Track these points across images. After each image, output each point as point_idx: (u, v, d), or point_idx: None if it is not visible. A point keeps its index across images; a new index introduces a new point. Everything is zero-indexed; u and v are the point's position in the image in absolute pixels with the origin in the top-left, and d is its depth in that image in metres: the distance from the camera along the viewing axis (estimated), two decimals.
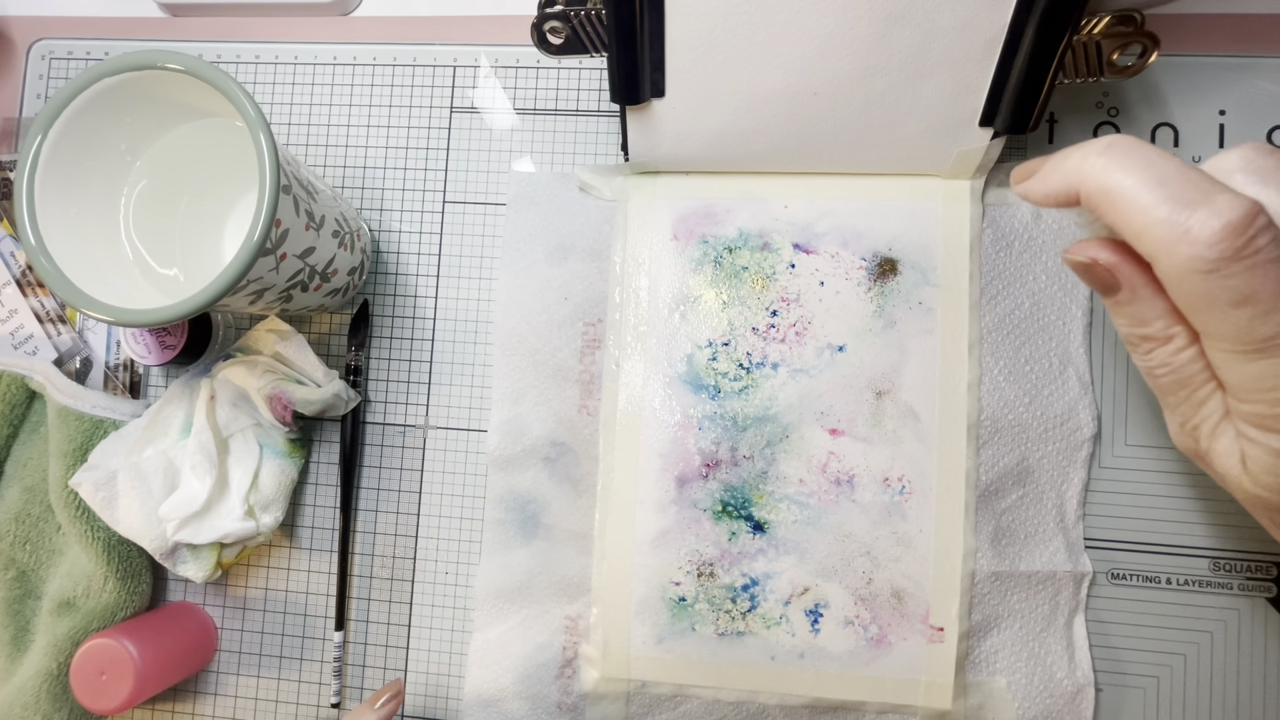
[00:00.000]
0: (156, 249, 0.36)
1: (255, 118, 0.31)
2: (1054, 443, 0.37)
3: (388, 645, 0.41)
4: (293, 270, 0.34)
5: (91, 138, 0.33)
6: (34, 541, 0.41)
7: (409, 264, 0.42)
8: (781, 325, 0.38)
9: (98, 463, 0.37)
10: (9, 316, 0.44)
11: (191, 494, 0.36)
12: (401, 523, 0.41)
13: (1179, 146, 0.39)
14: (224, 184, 0.37)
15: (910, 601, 0.36)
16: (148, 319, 0.30)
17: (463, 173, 0.42)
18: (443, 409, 0.42)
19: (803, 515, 0.37)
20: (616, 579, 0.38)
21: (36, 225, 0.32)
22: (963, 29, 0.32)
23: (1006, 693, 0.37)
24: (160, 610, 0.41)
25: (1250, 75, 0.38)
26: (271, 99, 0.44)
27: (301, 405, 0.39)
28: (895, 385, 0.37)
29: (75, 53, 0.45)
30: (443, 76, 0.43)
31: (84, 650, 0.36)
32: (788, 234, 0.38)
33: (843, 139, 0.36)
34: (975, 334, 0.37)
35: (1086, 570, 0.37)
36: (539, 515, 0.39)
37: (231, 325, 0.43)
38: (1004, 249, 0.38)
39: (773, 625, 0.37)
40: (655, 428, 0.38)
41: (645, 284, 0.39)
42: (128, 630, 0.38)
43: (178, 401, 0.38)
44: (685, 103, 0.35)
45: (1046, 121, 0.39)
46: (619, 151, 0.40)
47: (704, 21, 0.33)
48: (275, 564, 0.42)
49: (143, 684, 0.36)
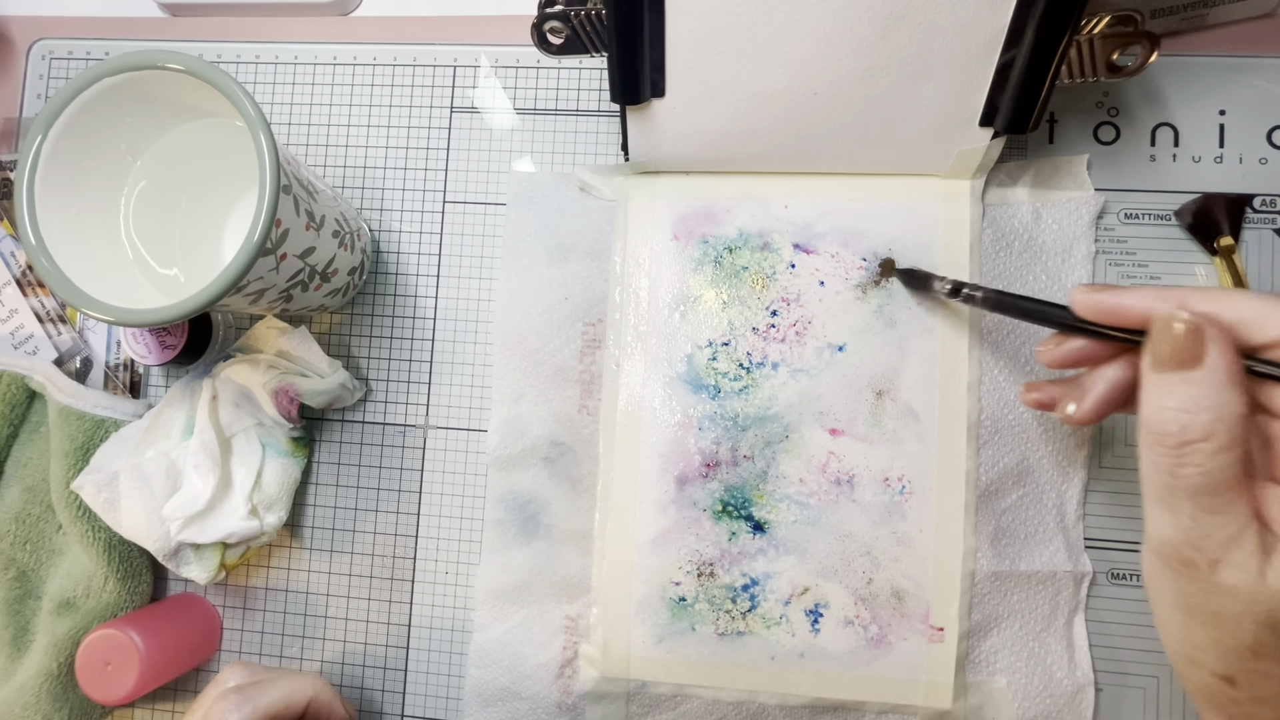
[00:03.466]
0: (156, 249, 0.36)
1: (255, 118, 0.31)
2: (1054, 443, 0.37)
3: (388, 645, 0.41)
4: (293, 270, 0.34)
5: (91, 138, 0.33)
6: (34, 541, 0.41)
7: (409, 264, 0.42)
8: (781, 325, 0.38)
9: (99, 465, 0.38)
10: (9, 316, 0.44)
11: (195, 493, 0.36)
12: (401, 523, 0.41)
13: (1179, 146, 0.39)
14: (224, 184, 0.37)
15: (910, 601, 0.36)
16: (148, 319, 0.30)
17: (463, 173, 0.42)
18: (443, 409, 0.42)
19: (803, 515, 0.37)
20: (616, 579, 0.38)
21: (36, 225, 0.32)
22: (963, 29, 0.32)
23: (1006, 693, 0.37)
24: (165, 602, 0.41)
25: (1250, 75, 0.38)
26: (271, 99, 0.44)
27: (309, 397, 0.39)
28: (895, 385, 0.37)
29: (75, 53, 0.45)
30: (443, 76, 0.43)
31: (89, 641, 0.36)
32: (788, 234, 0.38)
33: (843, 139, 0.36)
34: (975, 334, 0.37)
35: (1086, 570, 0.37)
36: (539, 515, 0.39)
37: (231, 325, 0.43)
38: (1004, 249, 0.38)
39: (773, 625, 0.37)
40: (655, 428, 0.38)
41: (645, 284, 0.39)
42: (133, 621, 0.38)
43: (179, 403, 0.38)
44: (685, 103, 0.35)
45: (1046, 121, 0.39)
46: (619, 151, 0.40)
47: (704, 21, 0.33)
48: (276, 564, 0.42)
49: (148, 674, 0.36)
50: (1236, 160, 0.38)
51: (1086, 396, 0.28)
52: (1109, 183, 0.39)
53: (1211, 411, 0.22)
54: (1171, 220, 0.38)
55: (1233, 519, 0.23)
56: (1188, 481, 0.23)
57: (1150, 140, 0.39)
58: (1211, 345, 0.23)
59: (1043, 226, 0.38)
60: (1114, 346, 0.28)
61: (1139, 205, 0.39)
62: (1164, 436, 0.23)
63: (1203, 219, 0.37)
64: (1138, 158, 0.39)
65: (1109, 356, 0.28)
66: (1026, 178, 0.39)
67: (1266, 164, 0.38)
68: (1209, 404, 0.23)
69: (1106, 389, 0.28)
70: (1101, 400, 0.28)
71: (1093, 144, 0.39)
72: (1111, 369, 0.28)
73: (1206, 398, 0.23)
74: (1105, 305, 0.26)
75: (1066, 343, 0.29)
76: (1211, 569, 0.23)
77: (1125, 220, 0.39)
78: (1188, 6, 0.37)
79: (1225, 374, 0.23)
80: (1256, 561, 0.22)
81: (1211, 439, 0.22)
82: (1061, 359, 0.29)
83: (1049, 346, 0.30)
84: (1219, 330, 0.23)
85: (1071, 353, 0.29)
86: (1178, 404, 0.23)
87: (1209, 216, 0.37)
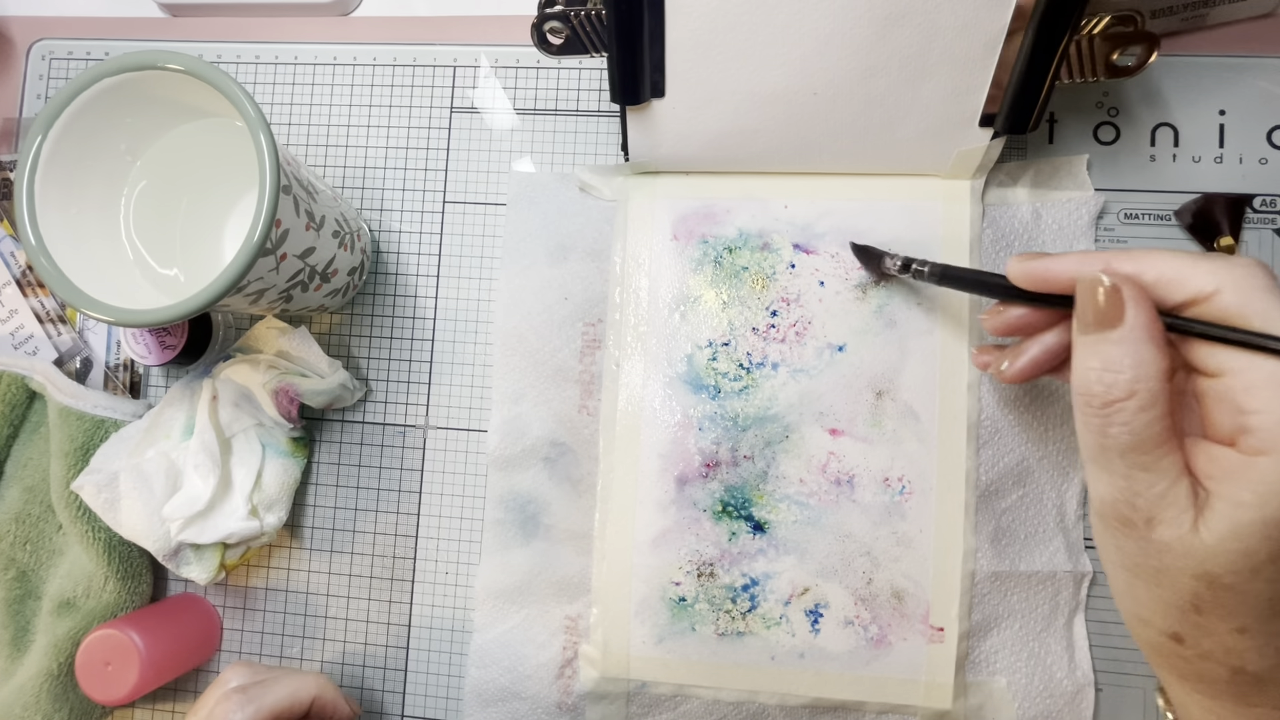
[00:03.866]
0: (156, 249, 0.36)
1: (255, 118, 0.31)
2: (1054, 443, 0.37)
3: (388, 645, 0.41)
4: (293, 270, 0.34)
5: (91, 138, 0.33)
6: (34, 541, 0.41)
7: (409, 264, 0.42)
8: (781, 325, 0.38)
9: (99, 465, 0.38)
10: (9, 316, 0.44)
11: (195, 494, 0.36)
12: (401, 523, 0.41)
13: (1179, 146, 0.39)
14: (224, 184, 0.37)
15: (910, 601, 0.36)
16: (148, 319, 0.30)
17: (463, 173, 0.42)
18: (443, 409, 0.42)
19: (803, 515, 0.37)
20: (616, 579, 0.38)
21: (36, 225, 0.32)
22: (963, 29, 0.32)
23: (1006, 693, 0.37)
24: (165, 602, 0.41)
25: (1250, 75, 0.38)
26: (271, 99, 0.44)
27: (309, 397, 0.39)
28: (895, 385, 0.37)
29: (75, 53, 0.45)
30: (443, 76, 0.43)
31: (89, 641, 0.36)
32: (788, 234, 0.38)
33: (843, 139, 0.36)
34: (975, 334, 0.37)
35: (1086, 570, 0.37)
36: (539, 515, 0.39)
37: (231, 325, 0.43)
38: (1004, 249, 0.38)
39: (773, 625, 0.37)
40: (655, 428, 0.38)
41: (645, 284, 0.39)
42: (133, 621, 0.38)
43: (179, 404, 0.38)
44: (685, 103, 0.35)
45: (1046, 121, 0.39)
46: (619, 151, 0.40)
47: (704, 21, 0.33)
48: (276, 564, 0.42)
49: (148, 675, 0.36)
50: (1236, 160, 0.38)
51: (1020, 357, 0.30)
52: (1109, 183, 0.39)
53: (1133, 370, 0.23)
54: (1171, 220, 0.38)
55: (1163, 476, 0.23)
56: (1116, 441, 0.23)
57: (1150, 140, 0.39)
58: (1130, 305, 0.23)
59: (1043, 226, 0.38)
60: (1052, 314, 0.29)
61: (1139, 205, 0.39)
62: (1090, 397, 0.24)
63: (1203, 219, 0.37)
64: (1138, 158, 0.39)
65: (1049, 324, 0.29)
66: (1026, 178, 0.39)
67: (1266, 164, 0.38)
68: (1130, 362, 0.23)
69: (1039, 351, 0.29)
70: (1032, 362, 0.30)
71: (1093, 144, 0.39)
72: (1049, 335, 0.29)
73: (1128, 356, 0.23)
74: (1036, 272, 0.27)
75: (1007, 310, 0.30)
76: (1148, 526, 0.23)
77: (1125, 220, 0.39)
78: (1188, 6, 0.37)
79: (1144, 332, 0.23)
80: (1190, 516, 0.23)
81: (1134, 397, 0.23)
82: (1003, 326, 0.30)
83: (992, 314, 0.31)
84: (1137, 289, 0.24)
85: (1011, 320, 0.30)
86: (1101, 364, 0.24)
87: (1209, 216, 0.37)
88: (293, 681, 0.34)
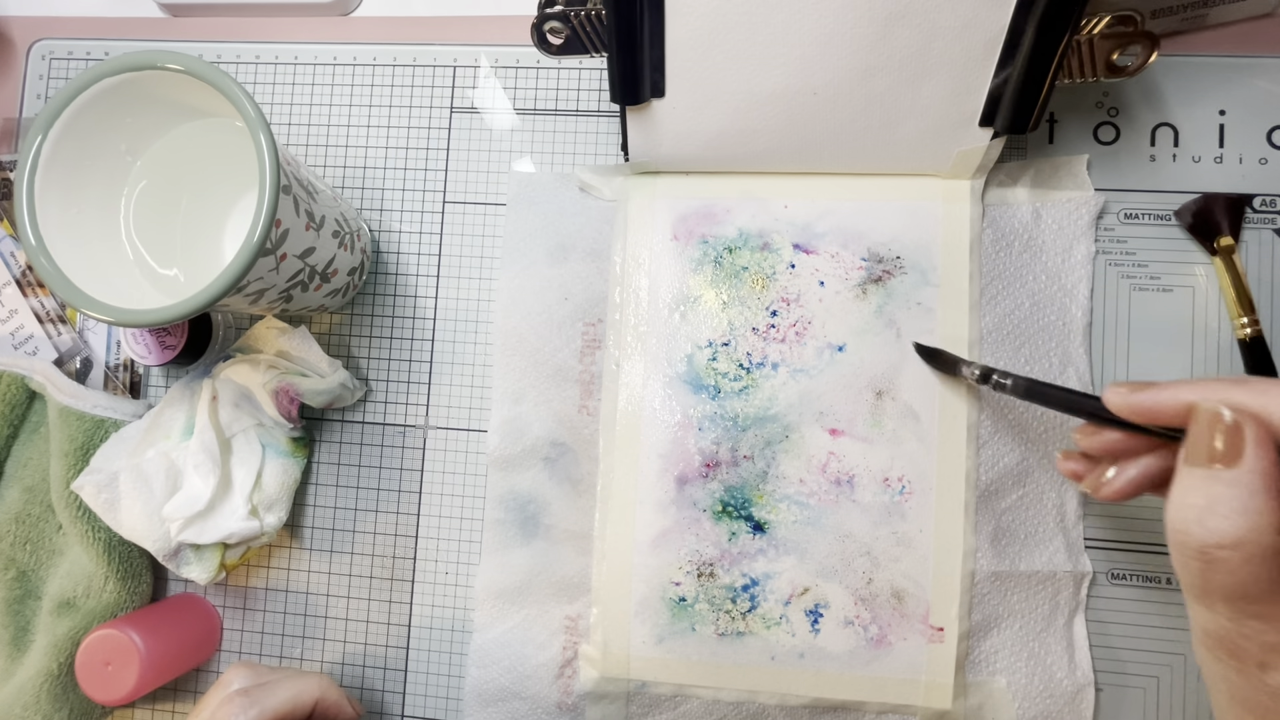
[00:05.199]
0: (156, 249, 0.36)
1: (255, 118, 0.31)
2: (1054, 443, 0.37)
3: (388, 645, 0.41)
4: (293, 270, 0.34)
5: (91, 138, 0.33)
6: (34, 541, 0.41)
7: (409, 264, 0.42)
8: (781, 325, 0.38)
9: (99, 465, 0.38)
10: (9, 316, 0.44)
11: (195, 494, 0.36)
12: (401, 523, 0.41)
13: (1179, 146, 0.39)
14: (224, 184, 0.37)
15: (910, 601, 0.36)
16: (148, 319, 0.30)
17: (463, 173, 0.42)
18: (443, 409, 0.42)
19: (803, 515, 0.37)
20: (616, 579, 0.38)
21: (36, 225, 0.32)
22: (963, 29, 0.32)
23: (1006, 693, 0.37)
24: (165, 602, 0.41)
25: (1250, 75, 0.38)
26: (271, 99, 0.44)
27: (309, 397, 0.39)
28: (895, 385, 0.37)
29: (75, 53, 0.45)
30: (443, 76, 0.43)
31: (89, 641, 0.36)
32: (788, 234, 0.38)
33: (843, 139, 0.36)
34: (975, 334, 0.37)
35: (1086, 570, 0.37)
36: (539, 515, 0.39)
37: (231, 325, 0.43)
38: (1004, 249, 0.38)
39: (773, 625, 0.37)
40: (655, 428, 0.38)
41: (645, 284, 0.39)
42: (133, 621, 0.38)
43: (179, 404, 0.38)
44: (685, 103, 0.35)
45: (1046, 121, 0.39)
46: (619, 151, 0.40)
47: (704, 21, 0.33)
48: (276, 564, 0.42)
49: (148, 675, 0.36)
50: (1236, 160, 0.38)
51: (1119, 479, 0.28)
52: (1109, 183, 0.39)
53: (1242, 517, 0.21)
54: (1171, 220, 0.38)
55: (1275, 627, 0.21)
56: (1220, 585, 0.21)
57: (1150, 140, 0.39)
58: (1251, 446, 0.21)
59: (1043, 226, 0.38)
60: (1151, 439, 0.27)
61: (1139, 205, 0.39)
62: (1186, 536, 0.21)
63: (1203, 219, 0.37)
64: (1138, 158, 0.39)
65: (1150, 448, 0.27)
66: (1026, 178, 0.39)
67: (1266, 164, 0.38)
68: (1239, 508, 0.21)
69: (1139, 475, 0.27)
70: (1132, 484, 0.27)
71: (1093, 144, 0.39)
72: (1151, 459, 0.27)
73: (1237, 500, 0.21)
74: (1141, 405, 0.25)
75: (1102, 433, 0.28)
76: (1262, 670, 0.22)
77: (1125, 220, 0.39)
78: (1188, 6, 0.37)
79: (1262, 480, 0.21)
80: None
81: (1241, 548, 0.21)
82: (1100, 449, 0.29)
83: (1086, 433, 0.29)
84: (1261, 430, 0.21)
85: (1108, 444, 0.28)
86: (1205, 502, 0.21)
87: (1209, 216, 0.37)
88: (296, 683, 0.34)
